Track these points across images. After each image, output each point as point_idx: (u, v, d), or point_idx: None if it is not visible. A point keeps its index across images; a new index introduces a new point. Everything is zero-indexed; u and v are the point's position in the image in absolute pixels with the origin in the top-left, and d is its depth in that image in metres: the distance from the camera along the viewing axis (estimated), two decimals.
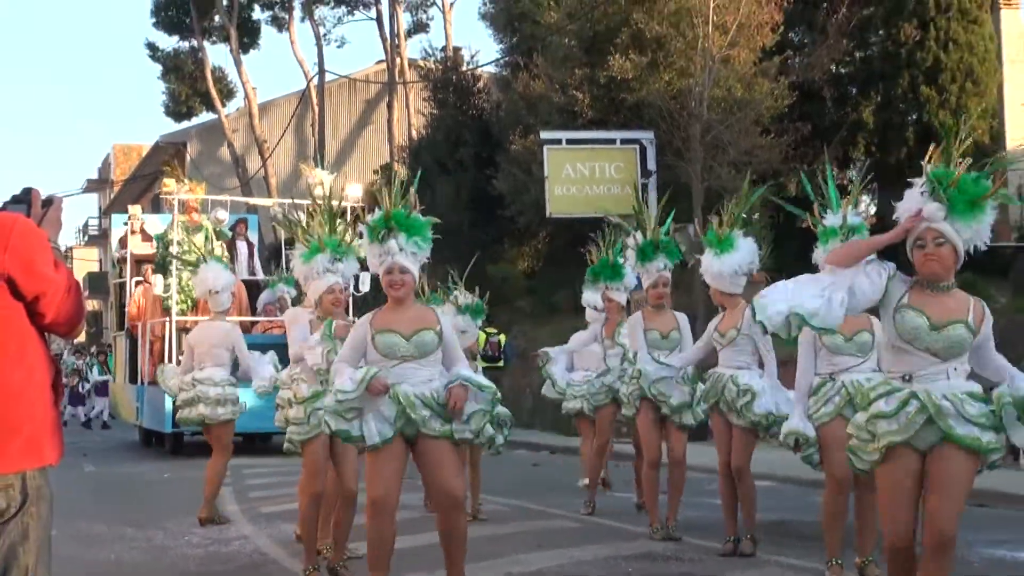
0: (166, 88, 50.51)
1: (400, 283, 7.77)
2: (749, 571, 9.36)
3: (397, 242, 7.78)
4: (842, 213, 8.92)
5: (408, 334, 7.71)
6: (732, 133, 26.86)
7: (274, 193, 42.14)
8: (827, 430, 8.58)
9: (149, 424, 23.64)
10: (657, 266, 11.30)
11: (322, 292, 9.36)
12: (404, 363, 7.70)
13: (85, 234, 77.86)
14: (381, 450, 7.70)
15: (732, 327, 10.30)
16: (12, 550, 4.49)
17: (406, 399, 7.60)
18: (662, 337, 11.23)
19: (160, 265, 23.22)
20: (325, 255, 9.32)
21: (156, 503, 14.69)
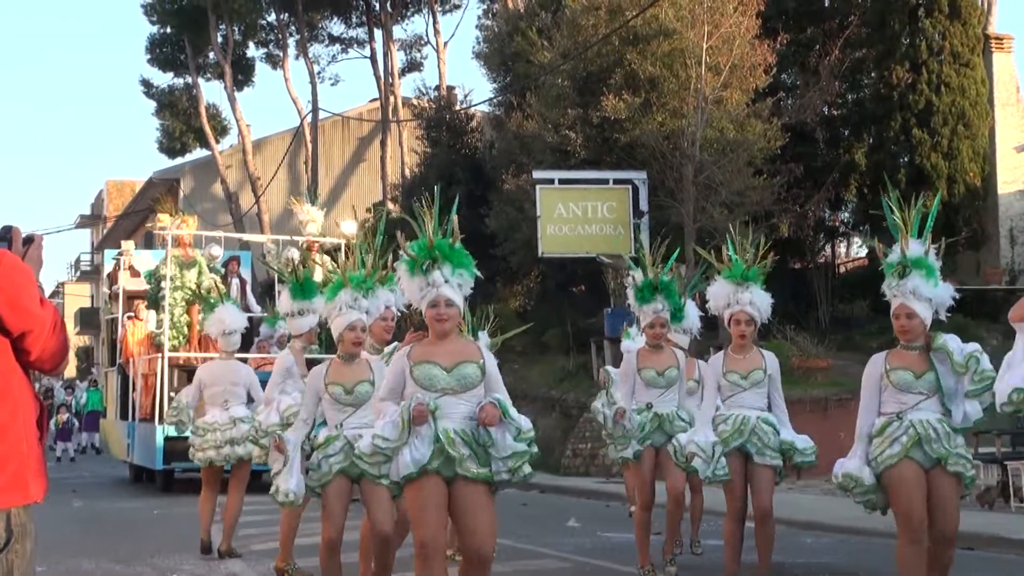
0: (160, 124, 50.67)
1: (446, 316, 7.33)
2: None
3: (442, 273, 7.36)
4: (900, 248, 8.57)
5: (449, 366, 7.25)
6: (725, 174, 26.91)
7: (267, 230, 42.17)
8: (893, 472, 7.98)
9: (140, 460, 23.54)
10: (655, 307, 11.09)
11: (343, 330, 9.01)
12: (443, 396, 7.22)
13: (77, 269, 77.85)
14: (424, 486, 7.18)
15: (757, 368, 9.99)
16: None
17: (445, 435, 7.13)
18: (658, 374, 11.03)
19: (152, 300, 23.19)
20: (348, 291, 9.01)
21: (145, 540, 14.60)
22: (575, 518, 16.47)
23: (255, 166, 46.86)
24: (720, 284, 10.26)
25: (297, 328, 11.67)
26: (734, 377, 9.97)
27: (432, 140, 37.99)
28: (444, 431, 7.11)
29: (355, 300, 8.99)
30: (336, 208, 42.47)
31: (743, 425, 9.84)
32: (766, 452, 9.81)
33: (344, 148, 50.93)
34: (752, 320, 10.06)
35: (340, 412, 8.95)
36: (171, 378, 21.40)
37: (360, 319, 9.01)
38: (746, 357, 10.04)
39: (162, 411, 21.07)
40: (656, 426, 11.04)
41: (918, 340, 8.18)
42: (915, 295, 8.21)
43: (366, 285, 9.08)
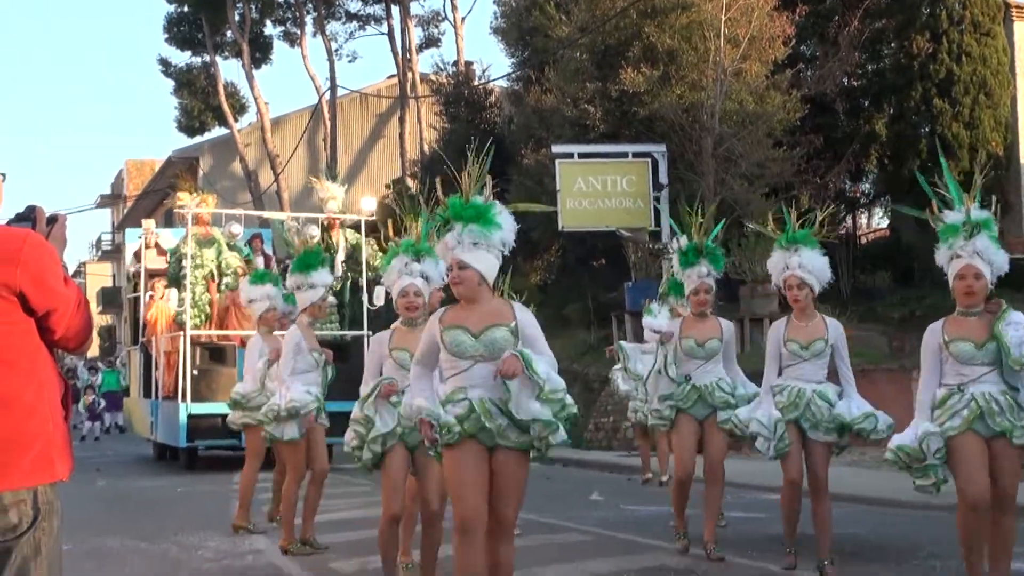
0: (179, 103, 50.70)
1: (459, 279, 7.05)
2: None
3: (454, 235, 7.13)
4: (965, 208, 8.10)
5: (477, 331, 6.97)
6: (744, 146, 26.86)
7: (287, 207, 42.21)
8: (954, 444, 7.81)
9: (163, 438, 23.61)
10: (699, 271, 10.82)
11: (396, 296, 8.79)
12: (476, 364, 6.97)
13: (98, 249, 78.07)
14: (464, 459, 6.93)
15: (819, 339, 9.64)
16: (24, 565, 4.48)
17: (480, 406, 6.89)
18: (698, 345, 10.75)
19: (173, 279, 23.24)
20: (400, 258, 8.76)
21: (169, 517, 14.67)
22: (598, 491, 16.50)
23: (274, 144, 46.87)
24: (774, 254, 9.98)
25: (302, 302, 11.67)
26: (794, 347, 9.65)
27: (451, 116, 37.97)
28: (480, 401, 6.89)
29: (406, 265, 8.70)
30: (356, 185, 42.48)
31: (798, 398, 9.58)
32: (819, 427, 9.55)
33: (363, 125, 50.90)
34: (804, 284, 9.68)
35: (404, 378, 8.36)
36: (193, 356, 21.46)
37: (412, 284, 8.70)
38: (808, 325, 9.69)
39: (185, 389, 21.17)
40: (696, 398, 10.74)
41: (979, 305, 7.88)
42: (981, 256, 7.86)
43: (418, 249, 8.74)
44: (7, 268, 4.46)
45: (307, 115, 49.50)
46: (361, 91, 50.30)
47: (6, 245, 4.50)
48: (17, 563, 4.47)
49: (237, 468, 20.68)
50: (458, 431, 6.89)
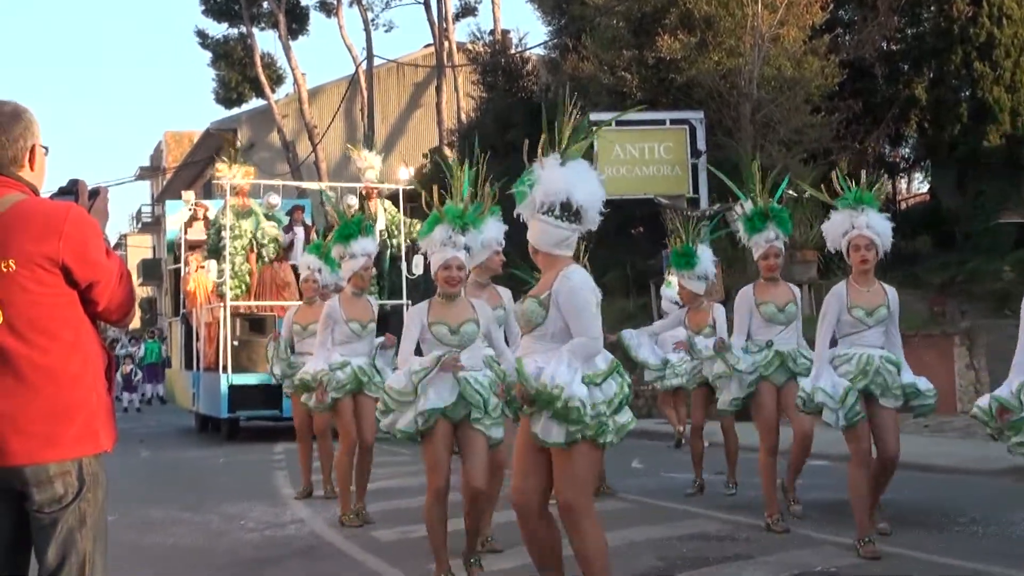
0: (216, 75, 50.74)
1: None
2: (803, 550, 9.31)
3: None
4: None
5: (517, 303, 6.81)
6: (782, 112, 26.74)
7: (325, 178, 42.28)
8: None
9: (205, 410, 23.75)
10: (767, 236, 10.50)
11: (437, 268, 8.35)
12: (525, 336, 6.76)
13: (138, 221, 78.43)
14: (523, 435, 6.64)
15: (881, 305, 9.26)
16: (70, 536, 4.53)
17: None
18: (778, 310, 10.45)
19: (213, 250, 23.34)
20: (442, 227, 8.32)
21: (211, 488, 14.77)
22: (638, 459, 16.51)
23: (311, 115, 46.89)
24: (833, 216, 9.50)
25: (345, 272, 11.65)
26: (859, 313, 9.20)
27: (488, 85, 37.91)
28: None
29: (449, 237, 8.29)
30: (393, 155, 42.49)
31: (867, 365, 9.13)
32: (889, 393, 9.17)
33: (400, 95, 50.87)
34: (873, 244, 9.29)
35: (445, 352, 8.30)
36: (233, 327, 21.55)
37: (455, 257, 8.30)
38: (870, 290, 9.30)
39: (225, 360, 21.29)
40: (778, 364, 10.43)
41: None
42: None
43: (463, 220, 8.37)
44: (50, 241, 4.50)
45: (344, 85, 49.49)
46: (398, 61, 50.24)
47: (49, 219, 4.54)
48: (63, 534, 4.52)
49: (279, 439, 20.89)
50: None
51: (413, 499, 12.31)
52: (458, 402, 8.25)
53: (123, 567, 8.76)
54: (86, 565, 4.55)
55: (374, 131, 45.11)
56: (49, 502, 4.51)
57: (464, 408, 8.29)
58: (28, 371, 4.47)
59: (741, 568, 8.65)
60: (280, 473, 16.19)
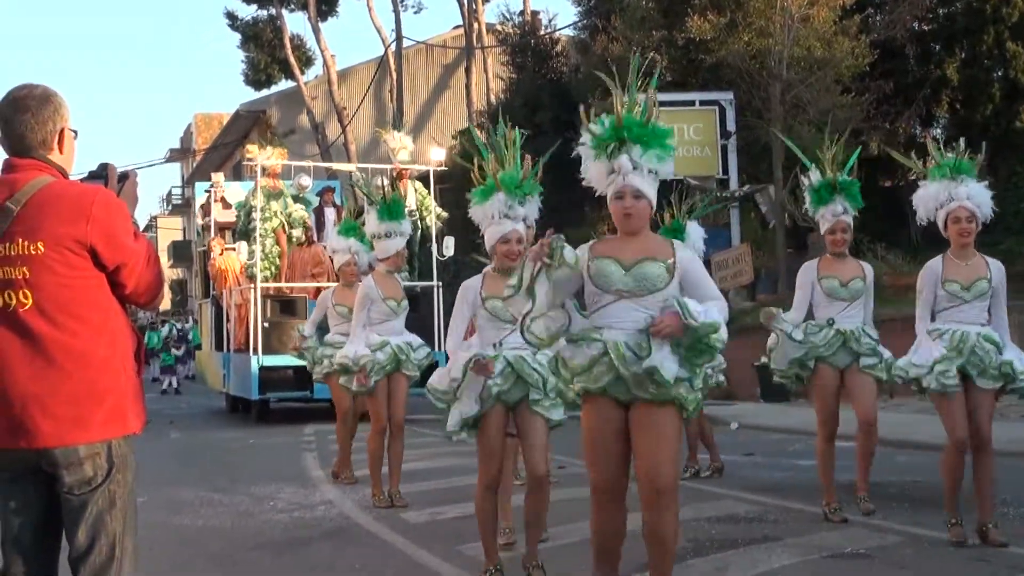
0: (245, 57, 50.79)
1: (632, 210, 6.21)
2: (832, 532, 9.28)
3: (630, 158, 6.24)
4: None
5: (629, 263, 6.17)
6: (812, 92, 26.63)
7: (354, 159, 42.24)
8: None
9: (236, 391, 23.83)
10: (835, 209, 9.86)
11: (495, 242, 7.78)
12: (620, 300, 6.15)
13: (168, 203, 78.77)
14: (600, 414, 6.18)
15: (981, 278, 8.68)
16: (100, 518, 4.55)
17: (615, 350, 6.05)
18: (841, 285, 9.84)
19: (243, 232, 23.37)
20: (500, 197, 7.73)
21: (241, 469, 14.82)
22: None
23: (340, 96, 46.90)
24: (928, 186, 8.99)
25: (383, 251, 11.55)
26: (954, 287, 8.66)
27: (517, 66, 37.86)
28: (615, 345, 6.05)
29: (509, 208, 7.72)
30: (422, 136, 42.47)
31: (962, 343, 8.56)
32: (987, 374, 8.58)
33: (429, 76, 50.83)
34: (974, 216, 8.71)
35: (499, 330, 7.83)
36: (263, 308, 21.57)
37: (515, 230, 7.71)
38: (968, 264, 8.73)
39: (256, 342, 21.31)
40: (840, 344, 9.80)
41: None
42: None
43: (523, 189, 7.78)
44: (78, 224, 4.52)
45: (373, 67, 49.48)
46: (427, 42, 50.20)
47: (77, 202, 4.56)
48: (93, 515, 4.54)
49: (309, 420, 20.95)
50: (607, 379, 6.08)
51: (442, 480, 12.34)
52: (515, 384, 7.78)
53: (153, 547, 8.80)
54: (116, 546, 4.58)
55: (403, 113, 45.12)
56: (79, 484, 4.53)
57: (521, 390, 7.81)
58: (57, 354, 4.49)
59: (770, 550, 8.64)
60: (310, 455, 16.23)
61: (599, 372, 6.10)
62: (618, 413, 6.15)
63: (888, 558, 8.35)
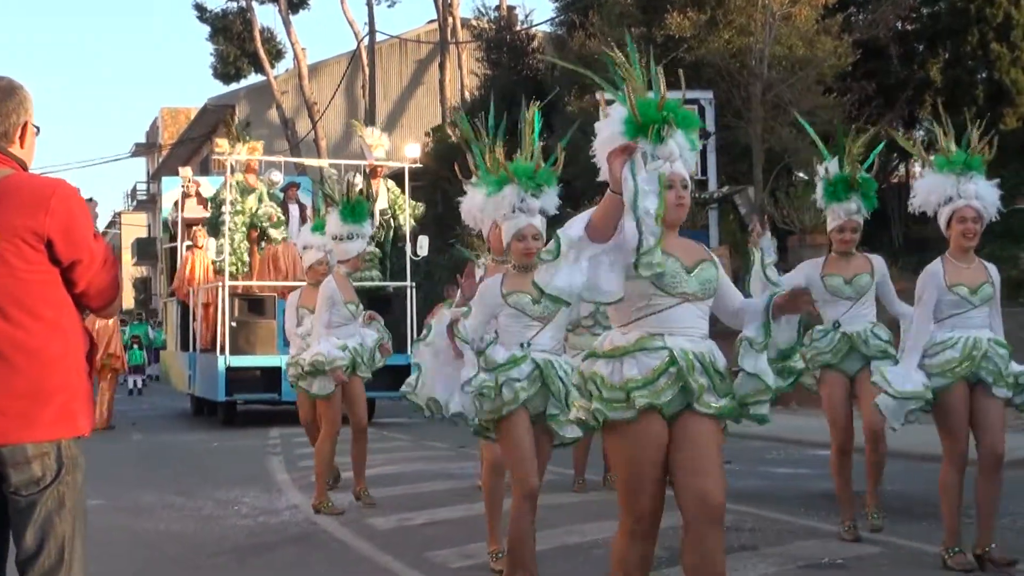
0: (214, 50, 50.68)
1: (685, 201, 5.67)
2: (809, 541, 9.29)
3: (676, 143, 5.64)
4: None
5: (690, 265, 5.60)
6: (794, 92, 26.64)
7: (325, 156, 42.23)
8: None
9: (201, 393, 23.70)
10: (848, 208, 9.40)
11: (510, 238, 7.39)
12: (684, 304, 5.56)
13: (133, 199, 78.51)
14: (648, 435, 5.49)
15: (985, 282, 8.27)
16: (48, 519, 4.52)
17: (684, 357, 5.47)
18: (845, 283, 9.38)
19: (213, 227, 23.26)
20: (514, 189, 7.36)
21: (205, 473, 14.77)
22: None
23: (311, 91, 46.84)
24: (933, 177, 8.46)
25: (344, 253, 11.55)
26: (962, 290, 8.17)
27: (492, 62, 37.82)
28: (684, 353, 5.48)
29: (523, 201, 7.36)
30: (395, 133, 42.43)
31: (975, 349, 8.09)
32: (1002, 382, 8.12)
33: (402, 71, 50.81)
34: (980, 217, 8.24)
35: (525, 328, 7.35)
36: (231, 307, 21.46)
37: (531, 225, 7.33)
38: (971, 267, 8.30)
39: (223, 341, 21.22)
40: (847, 349, 9.32)
41: None
42: None
43: (537, 180, 7.42)
44: (36, 216, 4.49)
45: (345, 61, 49.44)
46: (400, 36, 50.18)
47: (37, 194, 4.54)
48: (41, 517, 4.52)
49: (276, 423, 20.90)
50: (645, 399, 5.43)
51: (410, 486, 12.32)
52: (539, 392, 7.32)
53: (113, 552, 8.76)
54: (65, 549, 4.55)
55: (375, 109, 45.08)
56: (27, 484, 4.50)
57: (543, 400, 7.37)
58: (8, 350, 4.46)
59: (746, 560, 8.63)
60: (276, 458, 16.19)
61: (664, 384, 5.45)
62: (665, 431, 5.52)
63: (865, 569, 8.35)
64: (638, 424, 5.45)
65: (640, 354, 5.47)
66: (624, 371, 5.47)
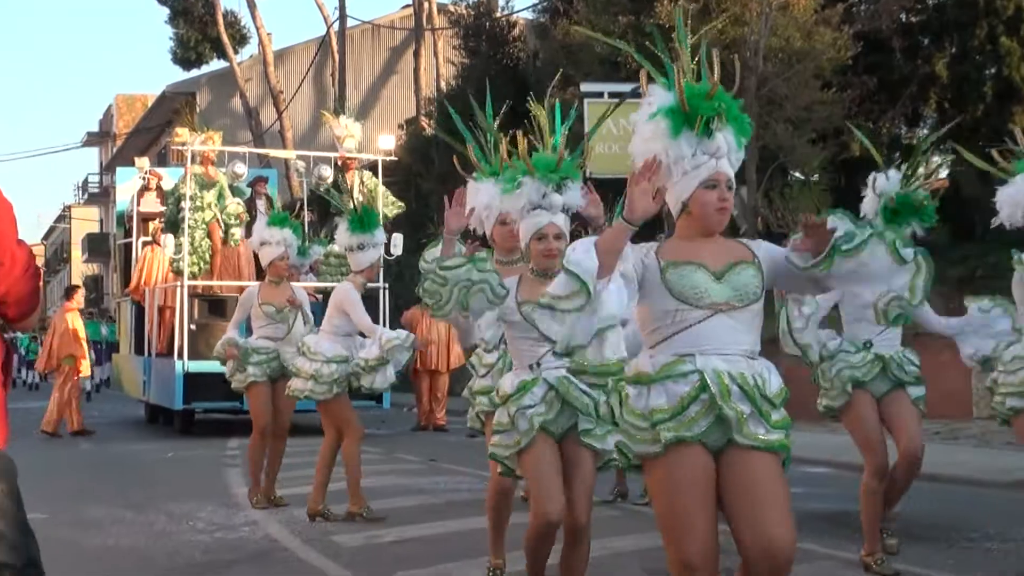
0: (174, 33, 50.63)
1: (728, 203, 5.31)
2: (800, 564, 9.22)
3: (726, 140, 5.37)
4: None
5: (719, 269, 5.23)
6: (790, 87, 26.69)
7: (290, 147, 42.13)
8: None
9: (157, 400, 23.54)
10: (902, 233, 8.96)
11: (529, 238, 7.01)
12: (716, 316, 5.16)
13: (84, 191, 78.27)
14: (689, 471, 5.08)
15: None
16: None
17: (718, 380, 5.07)
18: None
19: (171, 223, 23.04)
20: (533, 183, 6.99)
21: (158, 485, 14.72)
22: None
23: (277, 79, 46.77)
24: (1018, 183, 8.49)
25: (358, 263, 11.57)
26: None
27: (470, 50, 37.82)
28: (717, 375, 5.07)
29: (543, 196, 6.96)
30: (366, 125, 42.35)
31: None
32: None
33: (374, 59, 50.81)
34: None
35: (536, 345, 6.92)
36: (190, 308, 21.34)
37: (552, 223, 6.94)
38: None
39: (181, 345, 21.09)
40: (878, 370, 8.99)
41: None
42: None
43: (559, 175, 7.06)
44: None
45: (313, 48, 49.42)
46: (373, 22, 50.19)
47: None
48: None
49: (236, 433, 20.82)
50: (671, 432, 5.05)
51: (378, 501, 12.27)
52: (560, 412, 6.88)
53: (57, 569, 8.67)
54: None
55: (346, 98, 45.02)
56: None
57: (568, 418, 6.90)
58: None
59: None
60: (234, 470, 16.13)
61: (696, 414, 5.07)
62: (711, 464, 5.11)
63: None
64: (670, 460, 5.08)
65: (667, 381, 5.10)
66: (651, 399, 5.13)
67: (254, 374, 12.77)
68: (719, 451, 5.09)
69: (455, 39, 40.03)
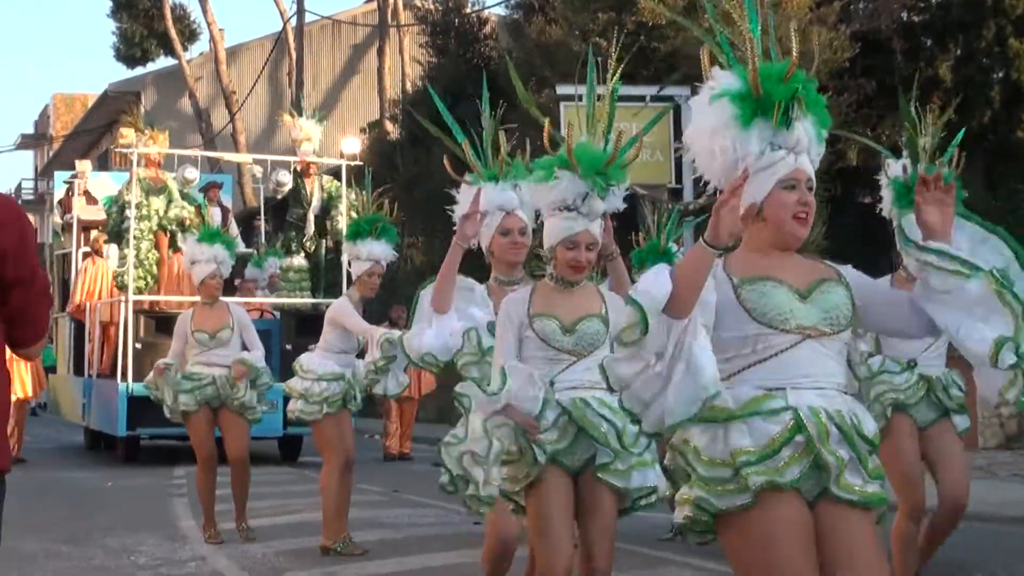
0: (117, 28, 50.59)
1: (808, 208, 4.80)
2: None
3: (806, 131, 5.01)
4: None
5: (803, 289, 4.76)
6: None
7: (243, 151, 42.09)
8: None
9: (98, 425, 23.38)
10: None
11: (558, 242, 6.47)
12: (806, 342, 4.69)
13: (18, 198, 78.00)
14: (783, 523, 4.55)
15: None
16: None
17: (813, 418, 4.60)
18: None
19: (115, 233, 22.87)
20: (574, 181, 6.46)
21: (97, 517, 14.66)
22: None
23: (229, 78, 46.75)
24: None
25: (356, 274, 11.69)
26: None
27: (438, 48, 37.83)
28: (812, 411, 4.59)
29: (583, 199, 6.41)
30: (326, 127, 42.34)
31: None
32: None
33: (335, 57, 50.83)
34: None
35: (550, 363, 6.43)
36: (136, 326, 21.21)
37: (587, 231, 6.38)
38: None
39: (125, 366, 20.94)
40: (923, 393, 8.57)
41: None
42: None
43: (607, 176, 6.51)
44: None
45: (269, 45, 49.39)
46: (333, 17, 50.21)
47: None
48: None
49: (182, 461, 20.74)
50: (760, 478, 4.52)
51: None
52: (576, 440, 6.38)
53: None
54: None
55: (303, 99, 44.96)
56: None
57: (586, 449, 6.42)
58: None
59: None
60: (180, 500, 16.10)
61: (789, 458, 4.57)
62: (810, 517, 4.63)
63: None
64: (764, 509, 4.54)
65: (754, 418, 4.58)
66: (731, 439, 4.57)
67: (185, 403, 12.60)
68: (810, 504, 4.64)
69: (422, 36, 40.04)
